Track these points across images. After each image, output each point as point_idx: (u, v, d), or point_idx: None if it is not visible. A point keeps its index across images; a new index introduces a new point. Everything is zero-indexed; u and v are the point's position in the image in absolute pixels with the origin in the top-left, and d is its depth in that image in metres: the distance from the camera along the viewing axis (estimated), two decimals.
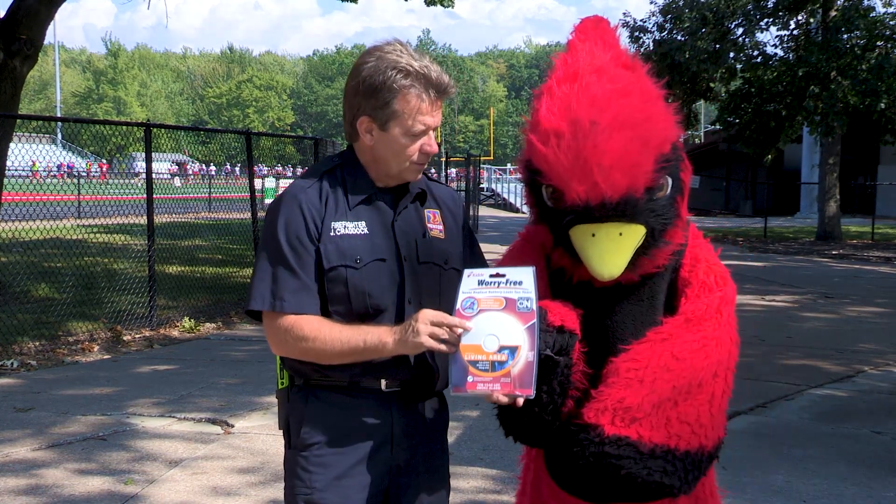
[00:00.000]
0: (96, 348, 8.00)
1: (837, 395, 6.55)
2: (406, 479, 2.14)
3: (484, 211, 33.26)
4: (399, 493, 2.14)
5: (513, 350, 1.87)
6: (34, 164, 13.04)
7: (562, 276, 2.10)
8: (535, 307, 1.89)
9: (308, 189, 2.11)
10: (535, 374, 1.86)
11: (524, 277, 1.92)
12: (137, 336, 8.62)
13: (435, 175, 2.32)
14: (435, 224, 2.19)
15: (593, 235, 1.92)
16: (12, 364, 7.22)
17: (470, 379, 1.89)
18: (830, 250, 20.04)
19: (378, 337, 1.98)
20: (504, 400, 1.87)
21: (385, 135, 2.07)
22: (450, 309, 1.95)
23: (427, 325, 1.90)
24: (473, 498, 4.34)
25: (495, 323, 1.89)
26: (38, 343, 7.92)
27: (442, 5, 15.02)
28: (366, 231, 2.09)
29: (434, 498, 2.19)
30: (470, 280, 1.95)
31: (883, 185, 29.53)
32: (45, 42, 11.63)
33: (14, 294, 9.88)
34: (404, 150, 2.07)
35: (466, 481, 4.52)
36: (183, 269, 11.62)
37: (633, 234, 1.93)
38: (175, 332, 8.90)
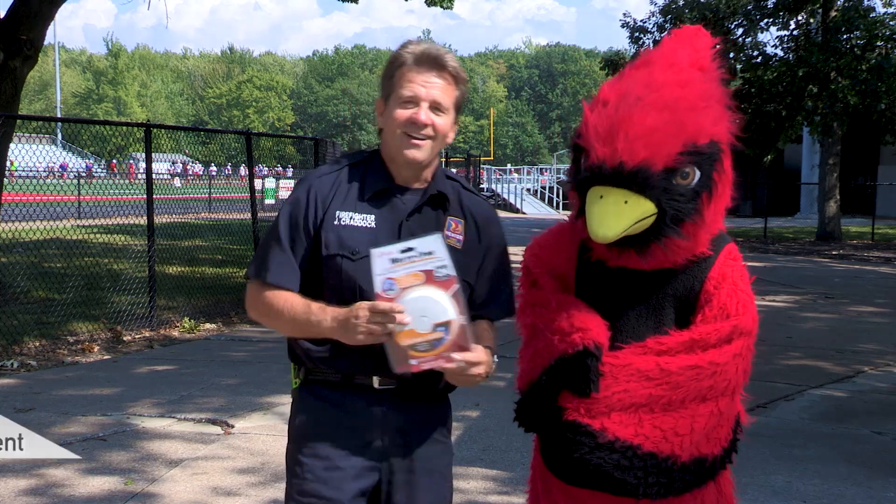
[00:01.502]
0: (96, 348, 8.00)
1: (837, 396, 6.56)
2: (401, 476, 2.15)
3: None
4: (392, 491, 2.15)
5: (446, 325, 1.93)
6: (13, 164, 12.97)
7: (584, 254, 2.16)
8: (452, 272, 1.94)
9: (323, 176, 2.18)
10: (469, 331, 1.95)
11: (433, 246, 1.95)
12: (137, 336, 8.62)
13: (472, 187, 2.32)
14: (454, 233, 2.17)
15: (601, 197, 1.97)
16: (12, 364, 7.22)
17: (414, 362, 1.95)
18: (830, 250, 20.05)
19: (320, 315, 2.04)
20: (451, 366, 1.96)
21: (387, 110, 2.14)
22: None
23: (365, 318, 1.94)
24: (473, 498, 4.34)
25: (422, 301, 1.93)
26: (38, 343, 7.92)
27: (441, 6, 15.02)
28: (373, 225, 2.12)
29: (431, 498, 2.18)
30: (382, 260, 1.96)
31: (883, 186, 29.51)
32: (46, 42, 11.64)
33: (14, 294, 9.89)
34: (396, 118, 2.10)
35: (466, 482, 4.52)
36: (183, 269, 11.62)
37: (639, 206, 1.96)
38: (175, 333, 8.90)
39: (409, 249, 1.95)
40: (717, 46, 2.17)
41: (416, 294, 1.93)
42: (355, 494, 2.12)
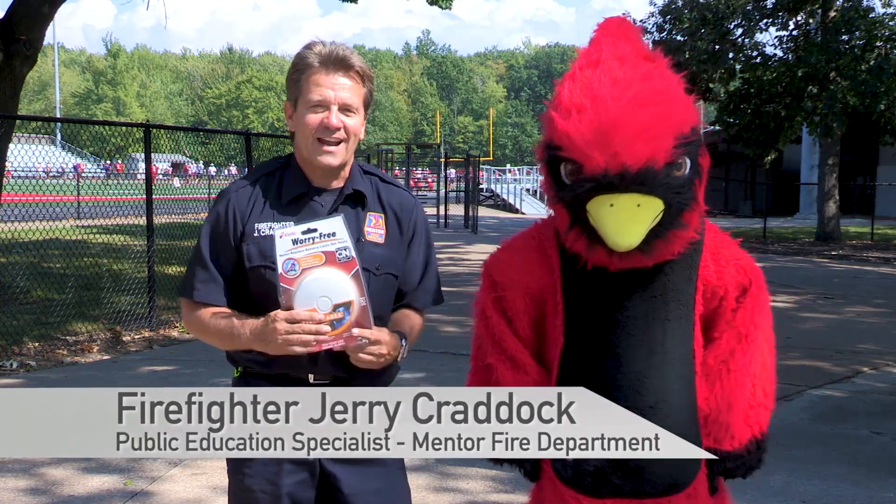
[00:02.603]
0: (96, 349, 8.00)
1: (837, 396, 6.56)
2: (340, 468, 2.17)
3: (483, 212, 33.26)
4: (335, 482, 2.17)
5: (346, 306, 1.96)
6: (8, 174, 12.92)
7: (575, 264, 2.10)
8: (353, 254, 1.96)
9: (240, 190, 2.21)
10: (370, 312, 1.98)
11: (336, 227, 1.97)
12: (137, 336, 8.62)
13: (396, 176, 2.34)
14: (375, 228, 2.20)
15: (611, 206, 1.92)
16: (12, 364, 7.22)
17: (314, 342, 1.98)
18: (830, 251, 20.06)
19: (240, 329, 2.09)
20: (352, 345, 2.00)
21: (297, 115, 2.15)
22: (376, 312, 2.04)
23: (282, 329, 1.97)
24: (473, 498, 4.35)
25: (322, 282, 1.95)
26: (37, 343, 7.92)
27: (440, 6, 15.03)
28: None
29: (375, 484, 2.19)
30: (284, 241, 1.98)
31: (882, 186, 29.55)
32: (45, 42, 11.63)
33: (14, 294, 9.89)
34: (307, 124, 2.12)
35: (466, 482, 4.52)
36: (182, 269, 11.58)
37: (651, 207, 1.93)
38: (175, 333, 8.90)
39: (312, 230, 1.98)
40: (640, 30, 2.18)
41: (317, 275, 1.96)
42: (292, 486, 2.15)
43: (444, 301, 2.37)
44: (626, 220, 1.92)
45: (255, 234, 2.14)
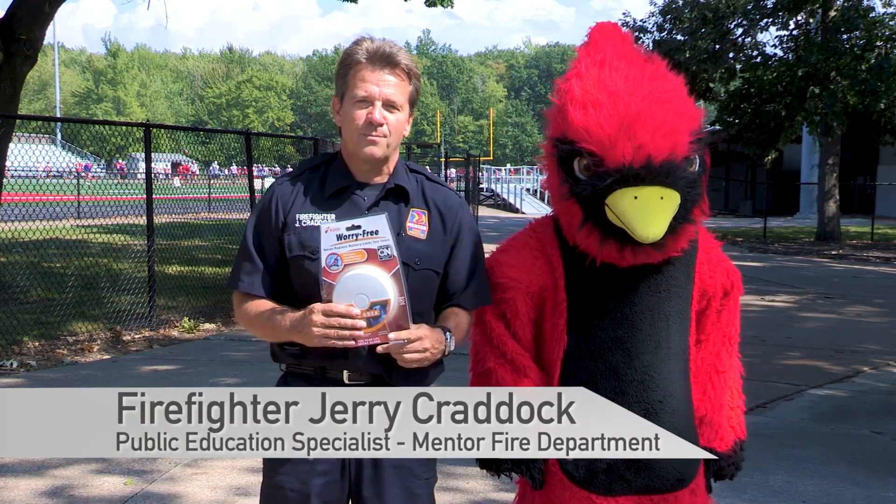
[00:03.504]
0: (96, 348, 8.00)
1: (837, 396, 6.56)
2: (368, 471, 2.17)
3: (484, 211, 33.28)
4: (361, 485, 2.17)
5: (384, 304, 1.97)
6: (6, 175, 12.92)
7: (580, 261, 2.11)
8: (395, 253, 1.98)
9: (284, 183, 2.25)
10: (409, 312, 1.98)
11: (379, 226, 1.99)
12: (137, 336, 8.62)
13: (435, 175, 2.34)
14: (418, 224, 2.21)
15: (635, 198, 1.93)
16: (12, 364, 7.22)
17: (349, 337, 1.99)
18: (830, 250, 20.05)
19: (279, 320, 2.12)
20: (388, 345, 2.00)
21: (344, 109, 2.18)
22: (415, 308, 2.05)
23: (319, 321, 1.99)
24: (473, 498, 4.35)
25: (361, 279, 1.97)
26: (38, 343, 7.92)
27: (441, 5, 15.03)
28: None
29: (398, 493, 2.19)
30: (329, 236, 2.00)
31: (882, 186, 29.53)
32: (45, 42, 11.63)
33: (14, 294, 9.89)
34: (353, 119, 2.15)
35: (466, 482, 4.52)
36: (182, 269, 11.62)
37: (672, 200, 1.95)
38: (175, 332, 8.90)
39: (356, 227, 2.00)
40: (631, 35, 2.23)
41: (357, 271, 1.98)
42: (322, 487, 2.15)
43: (491, 302, 2.30)
44: (652, 212, 1.93)
45: (297, 225, 2.17)
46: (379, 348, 2.01)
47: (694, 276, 2.16)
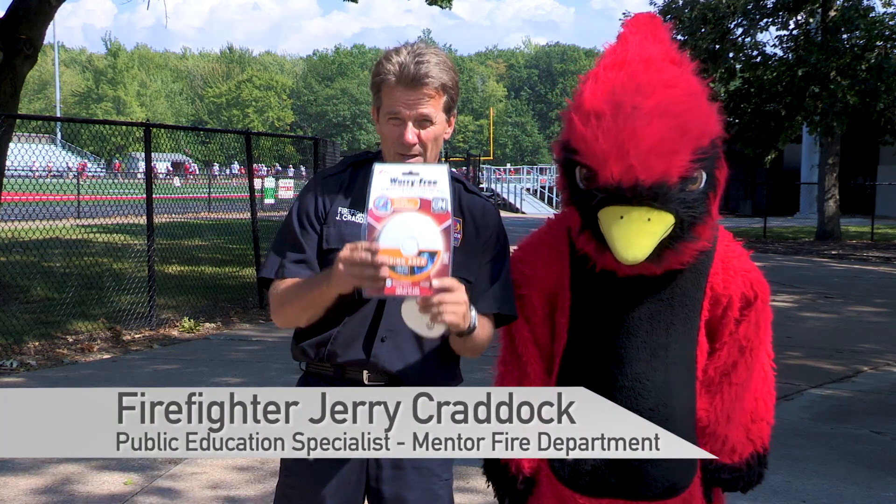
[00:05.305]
0: (96, 348, 8.00)
1: (837, 395, 6.56)
2: (388, 472, 2.16)
3: None
4: (380, 486, 2.17)
5: (432, 255, 1.80)
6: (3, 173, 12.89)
7: (584, 264, 2.10)
8: (449, 207, 1.82)
9: (329, 177, 2.26)
10: (450, 273, 1.81)
11: (439, 176, 1.84)
12: (137, 336, 8.62)
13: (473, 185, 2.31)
14: (454, 232, 2.19)
15: (621, 218, 1.90)
16: (12, 364, 7.22)
17: (388, 283, 1.80)
18: (830, 250, 20.06)
19: (316, 278, 2.02)
20: (427, 294, 1.82)
21: (380, 121, 2.19)
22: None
23: (344, 255, 1.83)
24: (473, 498, 4.35)
25: (413, 224, 1.81)
26: (38, 343, 7.92)
27: (440, 6, 15.03)
28: None
29: (418, 494, 2.18)
30: (382, 177, 1.84)
31: (882, 185, 29.54)
32: (45, 42, 11.63)
33: (14, 294, 9.89)
34: (387, 135, 2.15)
35: (466, 481, 4.52)
36: (183, 269, 11.62)
37: (662, 222, 1.91)
38: (175, 332, 8.90)
39: (413, 173, 1.84)
40: (669, 27, 2.14)
41: (408, 217, 1.82)
42: (339, 487, 2.15)
43: (515, 313, 2.22)
44: (634, 234, 1.90)
45: (338, 219, 2.17)
46: (418, 299, 1.84)
47: (705, 284, 2.12)
